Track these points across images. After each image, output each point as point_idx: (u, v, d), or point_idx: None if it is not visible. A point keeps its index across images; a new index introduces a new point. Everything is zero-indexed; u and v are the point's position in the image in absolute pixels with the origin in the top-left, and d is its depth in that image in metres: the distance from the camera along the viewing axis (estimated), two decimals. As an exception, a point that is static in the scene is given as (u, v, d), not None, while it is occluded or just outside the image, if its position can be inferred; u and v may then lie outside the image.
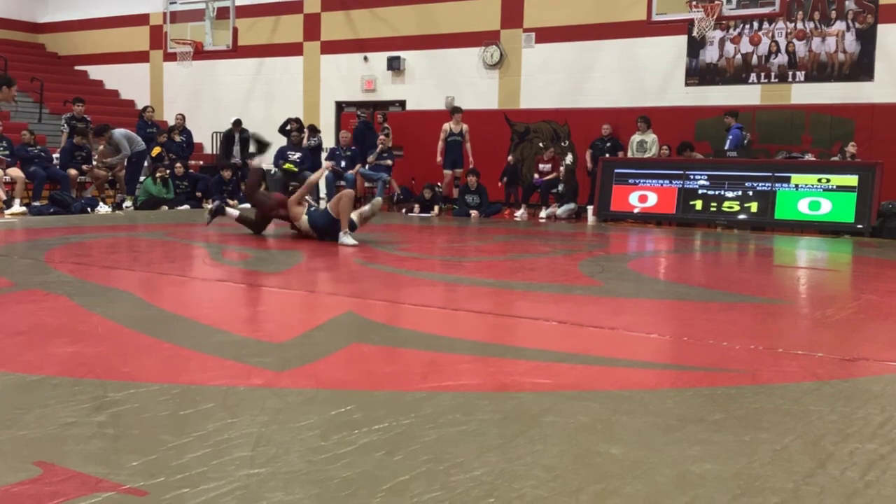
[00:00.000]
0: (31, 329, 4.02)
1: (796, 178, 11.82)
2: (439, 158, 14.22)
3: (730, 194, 12.22)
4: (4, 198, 11.83)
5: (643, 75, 14.87)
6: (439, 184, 14.35)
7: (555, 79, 15.63)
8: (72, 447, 2.41)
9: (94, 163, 13.27)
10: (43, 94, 17.91)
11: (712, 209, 12.31)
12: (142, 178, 13.68)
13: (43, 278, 5.70)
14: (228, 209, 9.60)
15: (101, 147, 13.30)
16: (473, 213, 13.40)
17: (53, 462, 2.28)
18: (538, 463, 2.38)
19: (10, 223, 10.31)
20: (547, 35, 15.75)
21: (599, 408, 2.93)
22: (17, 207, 11.66)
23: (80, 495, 2.06)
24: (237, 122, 15.81)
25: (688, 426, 2.75)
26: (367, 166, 14.81)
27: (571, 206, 13.62)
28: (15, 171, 12.23)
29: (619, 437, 2.63)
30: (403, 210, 14.28)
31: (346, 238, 8.31)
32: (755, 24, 14.12)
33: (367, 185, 15.13)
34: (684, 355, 3.95)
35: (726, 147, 12.60)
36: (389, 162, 14.83)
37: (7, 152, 12.44)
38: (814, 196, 11.65)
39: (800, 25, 13.80)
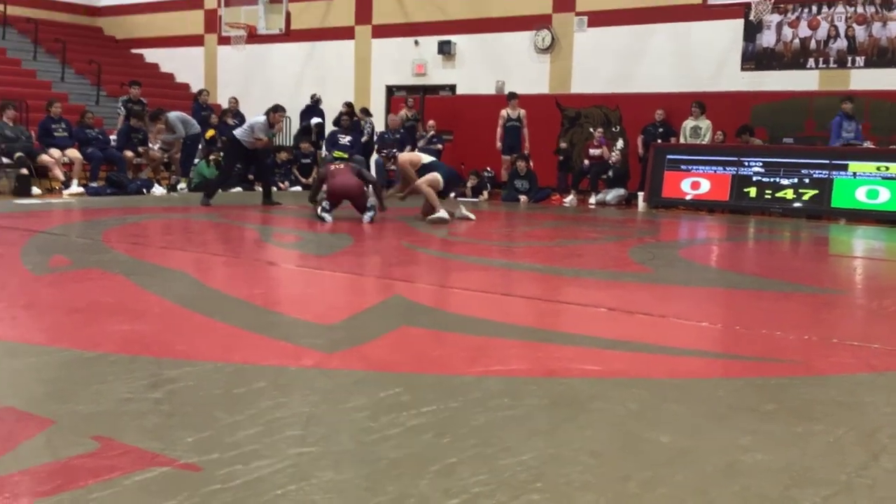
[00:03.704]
0: (88, 307, 4.12)
1: (854, 166, 11.54)
2: (499, 144, 14.21)
3: (785, 182, 11.99)
4: (63, 179, 12.10)
5: (697, 60, 14.61)
6: (488, 168, 14.32)
7: (607, 63, 15.45)
8: (128, 422, 2.47)
9: (150, 145, 13.50)
10: (100, 77, 18.26)
11: (767, 196, 12.09)
12: (196, 161, 13.88)
13: (100, 257, 5.83)
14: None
15: (157, 128, 13.52)
16: (522, 198, 13.36)
17: (111, 437, 2.34)
18: (586, 449, 2.37)
19: (69, 203, 10.56)
20: (599, 19, 15.57)
21: (648, 395, 2.91)
22: (75, 188, 11.93)
23: (136, 469, 2.11)
24: (318, 99, 16.41)
25: (738, 416, 2.72)
26: (417, 150, 14.83)
27: (621, 192, 13.49)
28: (73, 153, 12.50)
29: (668, 425, 2.61)
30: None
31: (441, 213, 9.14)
32: (814, 8, 13.77)
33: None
34: (736, 344, 3.91)
35: (831, 140, 12.14)
36: (439, 146, 14.83)
37: (66, 134, 12.71)
38: (872, 184, 11.37)
39: (860, 10, 13.43)
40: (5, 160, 11.80)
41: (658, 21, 14.88)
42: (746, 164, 12.35)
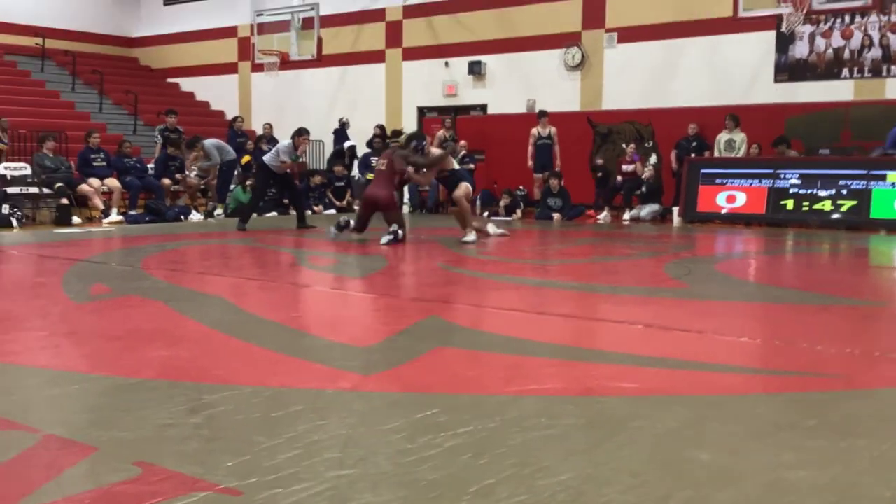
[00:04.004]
0: (128, 334, 4.18)
1: (893, 176, 11.36)
2: (530, 163, 14.23)
3: (823, 193, 11.83)
4: (102, 207, 12.32)
5: (730, 73, 14.52)
6: (520, 187, 14.32)
7: (638, 79, 15.41)
8: (169, 448, 2.50)
9: (187, 172, 13.71)
10: (137, 107, 18.59)
11: (804, 209, 11.94)
12: (232, 187, 14.06)
13: (139, 284, 5.92)
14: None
15: (194, 155, 13.73)
16: (556, 215, 13.33)
17: (152, 462, 2.36)
18: (625, 468, 2.36)
19: (108, 231, 10.74)
20: (630, 35, 15.55)
21: (687, 413, 2.88)
22: (114, 216, 12.14)
23: (178, 495, 2.14)
24: (345, 122, 16.71)
25: (780, 432, 2.68)
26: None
27: (656, 207, 13.41)
28: (112, 182, 12.73)
29: (709, 442, 2.59)
30: (486, 213, 14.30)
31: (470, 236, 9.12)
32: (846, 18, 13.63)
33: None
34: (776, 359, 3.85)
35: (886, 145, 11.96)
36: (471, 166, 14.88)
37: (105, 163, 12.95)
38: (913, 194, 11.18)
39: (894, 18, 13.27)
40: (46, 190, 12.04)
41: (689, 35, 14.83)
42: (783, 176, 12.21)
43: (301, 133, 11.28)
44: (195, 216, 12.91)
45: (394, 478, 2.27)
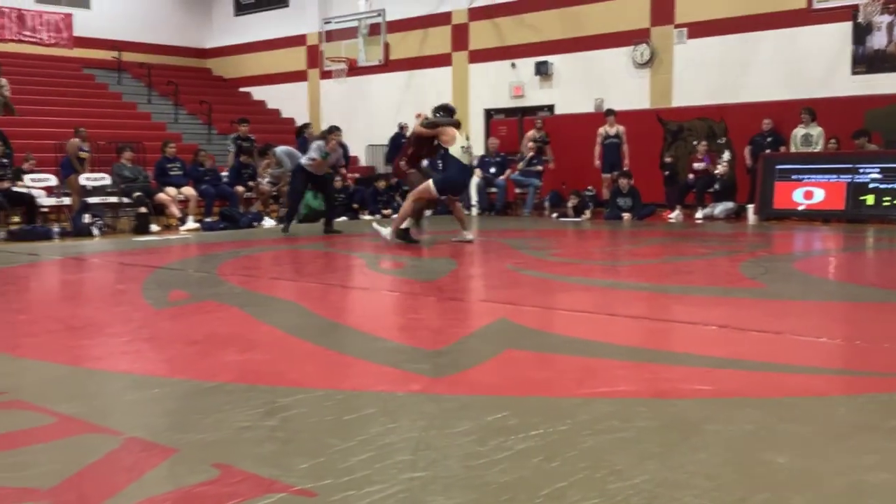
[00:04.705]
0: (205, 338, 4.29)
1: (981, 168, 10.92)
2: (597, 162, 14.12)
3: (905, 187, 11.44)
4: (179, 215, 12.65)
5: (805, 66, 14.15)
6: (589, 187, 14.20)
7: (709, 74, 15.14)
8: (246, 450, 2.56)
9: (259, 179, 13.98)
10: (211, 117, 19.04)
11: (885, 204, 11.56)
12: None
13: (215, 290, 6.06)
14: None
15: (266, 163, 14.01)
16: (626, 215, 13.18)
17: (230, 464, 2.42)
18: (700, 472, 2.32)
19: (185, 239, 11.02)
20: (700, 30, 15.29)
21: (764, 415, 2.82)
22: (190, 224, 12.45)
23: (255, 496, 2.18)
24: (404, 126, 16.72)
25: (861, 434, 2.61)
26: (517, 173, 14.87)
27: (730, 205, 13.14)
28: (188, 190, 13.07)
29: (786, 445, 2.53)
30: (554, 215, 14.23)
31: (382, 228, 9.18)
32: (928, 5, 13.15)
33: (517, 190, 15.19)
34: (857, 360, 3.74)
35: None
36: (539, 168, 14.82)
37: (181, 172, 13.30)
38: None
39: (979, 3, 12.75)
40: (125, 200, 12.42)
41: (761, 28, 14.51)
42: (862, 170, 11.85)
43: (331, 131, 11.27)
44: (268, 222, 13.15)
45: (465, 481, 2.28)
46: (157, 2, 22.84)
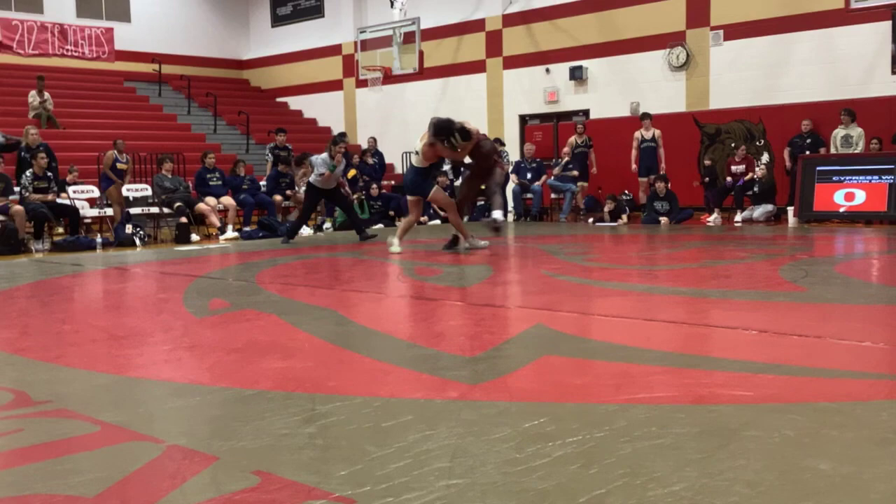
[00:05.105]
0: (246, 346, 4.34)
1: None
2: (634, 166, 14.04)
3: (950, 187, 11.22)
4: (219, 225, 12.81)
5: (844, 66, 13.95)
6: (626, 192, 14.12)
7: (746, 76, 14.99)
8: (286, 457, 2.59)
9: (297, 188, 14.11)
10: (249, 127, 19.26)
11: (929, 204, 11.35)
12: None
13: (255, 298, 6.13)
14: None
15: (303, 171, 14.14)
16: (663, 219, 13.08)
17: (270, 471, 2.45)
18: (740, 478, 2.30)
19: (225, 248, 11.16)
20: (736, 31, 15.15)
21: (805, 421, 2.79)
22: (230, 233, 12.61)
23: (296, 503, 2.21)
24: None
25: (906, 441, 2.57)
26: (553, 178, 14.84)
27: (769, 207, 12.99)
28: (227, 200, 13.23)
29: (828, 451, 2.49)
30: (591, 220, 14.17)
31: (475, 242, 9.09)
32: (972, 1, 12.90)
33: (553, 196, 15.16)
34: (901, 364, 3.68)
35: None
36: (575, 173, 14.77)
37: (220, 182, 13.48)
38: None
39: None
40: (166, 210, 12.62)
41: (799, 29, 14.35)
42: (905, 171, 11.64)
43: (336, 142, 11.09)
44: (305, 231, 13.27)
45: (503, 487, 2.28)
46: (195, 15, 23.19)
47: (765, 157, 13.40)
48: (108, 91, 20.04)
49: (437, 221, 14.23)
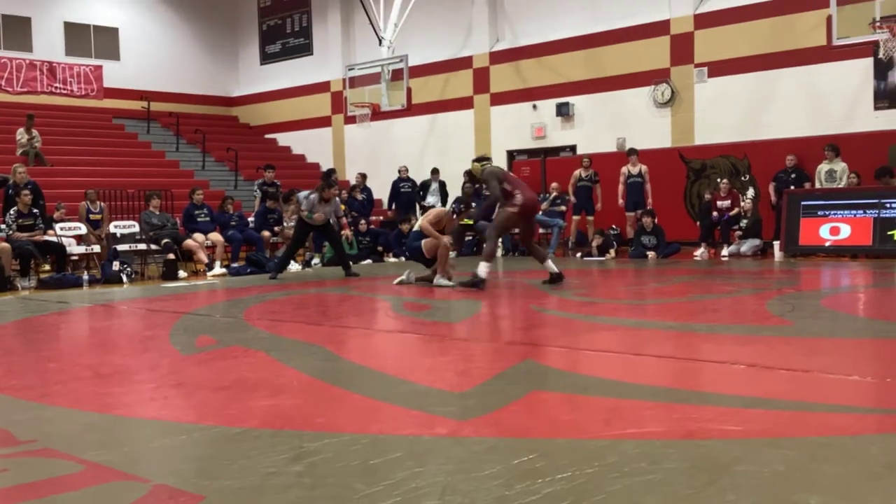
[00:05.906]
0: (233, 384, 4.31)
1: None
2: (621, 201, 14.10)
3: (933, 221, 11.32)
4: (207, 261, 12.77)
5: (827, 102, 14.14)
6: (613, 226, 14.18)
7: (731, 112, 15.16)
8: (272, 497, 2.56)
9: (285, 224, 14.11)
10: (237, 163, 19.30)
11: (914, 238, 11.43)
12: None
13: (242, 335, 6.10)
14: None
15: (291, 208, 14.14)
16: (650, 254, 13.12)
17: (257, 510, 2.43)
18: (730, 514, 2.29)
19: (213, 284, 11.11)
20: (720, 68, 15.34)
21: (795, 455, 2.78)
22: (217, 269, 12.56)
23: (282, 541, 2.18)
24: (435, 171, 17.07)
25: (894, 474, 2.56)
26: (541, 213, 14.87)
27: (756, 242, 13.06)
28: (215, 236, 13.20)
29: (819, 486, 2.49)
30: (578, 255, 14.20)
31: (441, 280, 9.23)
32: (950, 39, 13.11)
33: (541, 231, 15.19)
34: (889, 398, 3.69)
35: None
36: (563, 208, 14.83)
37: (208, 218, 13.46)
38: None
39: None
40: (153, 247, 12.57)
41: (782, 66, 14.56)
42: (889, 205, 11.76)
43: (330, 185, 11.37)
44: (294, 266, 13.23)
45: (492, 525, 2.27)
46: (184, 52, 23.32)
47: (750, 192, 13.50)
48: (97, 128, 20.07)
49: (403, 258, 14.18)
